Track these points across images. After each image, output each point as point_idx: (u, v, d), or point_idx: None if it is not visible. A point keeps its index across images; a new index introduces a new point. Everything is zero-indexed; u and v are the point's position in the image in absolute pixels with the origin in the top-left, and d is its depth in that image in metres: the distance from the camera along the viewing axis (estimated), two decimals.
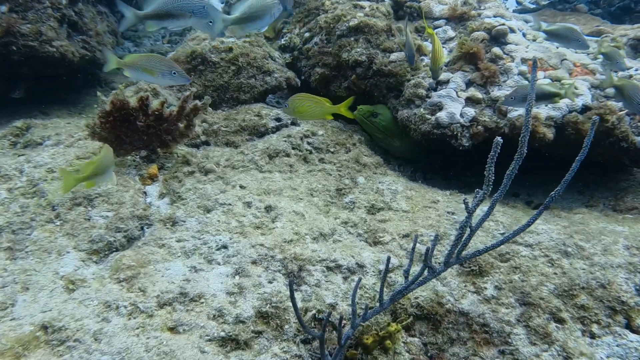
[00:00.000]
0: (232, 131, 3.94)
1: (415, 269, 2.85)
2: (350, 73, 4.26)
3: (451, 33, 4.26)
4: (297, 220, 3.13)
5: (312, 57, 4.48)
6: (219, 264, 2.79)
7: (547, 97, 3.47)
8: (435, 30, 4.34)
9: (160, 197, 3.32)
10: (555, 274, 2.80)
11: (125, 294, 2.54)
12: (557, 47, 4.08)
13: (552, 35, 3.95)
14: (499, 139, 2.08)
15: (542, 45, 4.06)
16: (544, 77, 3.84)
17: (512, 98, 3.35)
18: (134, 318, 2.43)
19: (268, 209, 3.18)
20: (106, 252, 2.85)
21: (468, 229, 2.35)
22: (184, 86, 4.16)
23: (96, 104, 3.59)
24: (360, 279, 2.34)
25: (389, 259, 2.34)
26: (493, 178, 2.18)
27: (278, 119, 4.07)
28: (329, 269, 2.82)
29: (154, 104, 3.47)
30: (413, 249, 2.38)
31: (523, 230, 2.35)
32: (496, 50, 3.95)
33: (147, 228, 3.06)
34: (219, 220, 3.07)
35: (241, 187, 3.38)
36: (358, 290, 2.73)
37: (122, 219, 3.00)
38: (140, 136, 3.49)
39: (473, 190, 3.80)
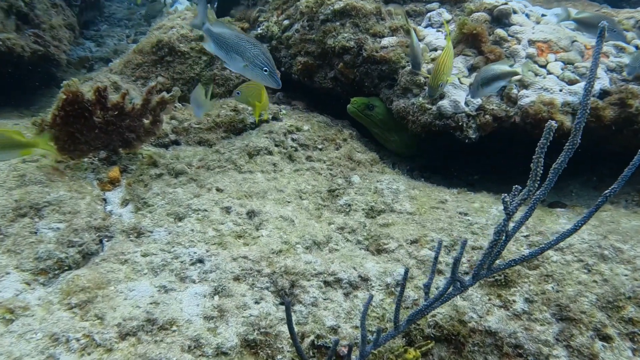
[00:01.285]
0: (206, 128, 3.47)
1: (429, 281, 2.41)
2: (337, 61, 3.81)
3: (447, 16, 3.84)
4: (286, 226, 2.66)
5: (293, 46, 4.02)
6: (194, 282, 2.31)
7: (502, 77, 3.07)
8: (429, 14, 3.91)
9: (123, 204, 2.83)
10: (594, 282, 2.36)
11: (78, 323, 2.05)
12: (577, 34, 3.67)
13: (583, 25, 3.51)
14: (552, 122, 1.67)
15: (550, 26, 3.65)
16: (555, 60, 3.42)
17: (477, 86, 2.99)
18: (89, 354, 1.93)
19: (251, 214, 2.71)
20: (56, 272, 2.35)
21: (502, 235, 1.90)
22: (149, 77, 3.67)
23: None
24: (371, 297, 1.88)
25: (406, 272, 1.90)
26: (541, 172, 1.75)
27: None
28: (327, 283, 2.36)
29: (114, 97, 2.98)
30: (436, 258, 1.94)
31: (571, 234, 1.91)
32: (500, 31, 3.53)
33: (107, 241, 2.57)
34: (192, 230, 2.59)
35: (218, 190, 2.90)
36: (362, 308, 2.28)
37: (76, 231, 2.51)
38: (99, 134, 2.99)
39: (478, 189, 3.40)
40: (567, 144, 1.76)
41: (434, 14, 3.87)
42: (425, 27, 3.88)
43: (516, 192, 1.87)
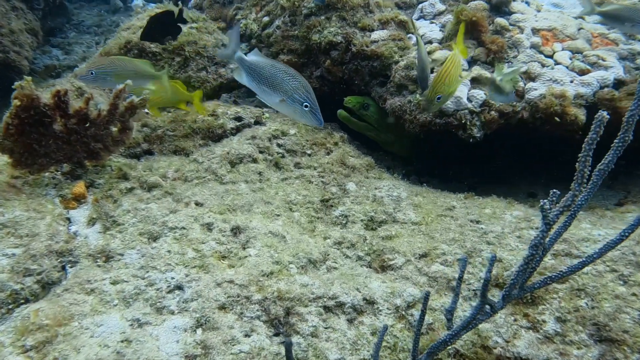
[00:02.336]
0: (182, 135, 3.13)
1: (442, 300, 2.09)
2: (324, 58, 3.49)
3: (440, 6, 3.54)
4: (276, 244, 2.33)
5: (274, 44, 3.70)
6: (172, 313, 1.97)
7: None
8: (420, 5, 3.62)
9: (90, 223, 2.48)
10: (634, 295, 2.06)
11: None
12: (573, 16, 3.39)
13: (609, 18, 3.20)
14: (604, 113, 1.37)
15: (553, 14, 3.37)
16: (562, 50, 3.14)
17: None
18: None
19: (236, 231, 2.38)
20: (9, 307, 1.99)
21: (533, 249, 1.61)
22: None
23: None
24: (385, 329, 1.56)
25: (427, 297, 1.58)
26: (588, 173, 1.46)
27: (238, 118, 3.27)
28: (327, 309, 2.03)
29: (77, 102, 2.63)
30: (460, 278, 1.62)
31: (616, 244, 1.62)
32: (501, 20, 3.24)
33: (71, 267, 2.23)
34: (169, 251, 2.25)
35: (197, 204, 2.57)
36: (369, 336, 1.96)
37: (34, 257, 2.15)
38: (60, 145, 2.64)
39: (482, 193, 3.11)
40: (616, 140, 1.48)
41: (426, 5, 3.57)
42: (417, 19, 3.58)
43: (554, 198, 1.57)
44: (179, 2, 3.48)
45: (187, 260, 2.20)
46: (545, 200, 1.51)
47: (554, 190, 1.53)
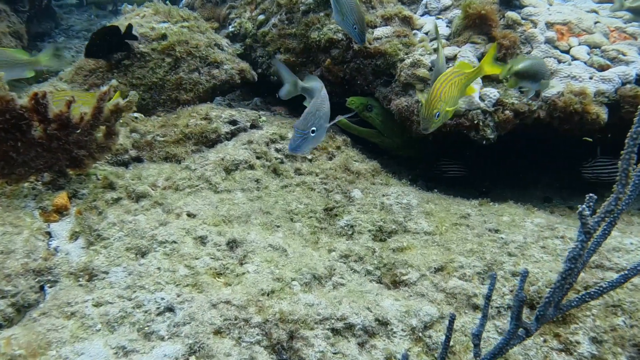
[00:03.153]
0: (173, 141, 2.91)
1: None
2: (323, 57, 3.29)
3: (446, 1, 3.34)
4: (277, 258, 2.12)
5: (270, 43, 3.50)
6: (162, 338, 1.76)
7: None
8: (425, 0, 3.41)
9: (72, 238, 2.27)
10: None
11: None
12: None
13: None
14: None
15: (566, 7, 3.17)
16: (579, 45, 2.94)
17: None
18: None
19: (232, 244, 2.16)
20: None
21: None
22: (104, 84, 3.10)
23: None
24: (406, 358, 1.34)
25: (452, 319, 1.37)
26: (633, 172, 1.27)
27: (233, 122, 3.05)
28: (335, 332, 1.82)
29: (57, 105, 2.42)
30: (489, 297, 1.42)
31: None
32: (512, 14, 3.04)
33: (50, 287, 2.01)
34: (159, 268, 2.04)
35: (189, 215, 2.35)
36: None
37: (8, 277, 1.94)
38: (40, 153, 2.42)
39: (495, 198, 2.89)
40: None
41: (431, 0, 3.37)
42: (422, 15, 3.38)
43: (592, 202, 1.36)
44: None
45: (178, 279, 1.99)
46: (583, 206, 1.31)
47: (590, 195, 1.32)
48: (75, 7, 8.74)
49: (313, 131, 2.04)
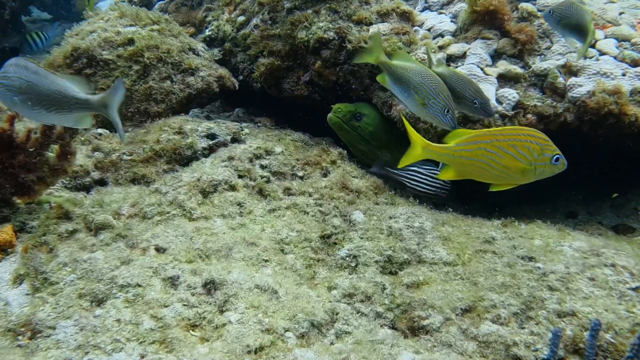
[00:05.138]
0: (141, 160, 2.50)
1: None
2: (313, 59, 2.89)
3: None
4: (266, 302, 1.71)
5: (252, 46, 3.10)
6: None
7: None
8: None
9: (16, 282, 1.86)
10: None
11: None
12: None
13: None
14: None
15: None
16: (605, 38, 2.58)
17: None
18: None
19: (210, 286, 1.75)
20: None
21: None
22: None
23: None
24: None
25: None
26: None
27: (211, 136, 2.65)
28: None
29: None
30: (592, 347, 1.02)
31: None
32: (526, 5, 2.67)
33: None
34: (118, 320, 1.63)
35: (158, 249, 1.94)
36: None
37: None
38: None
39: (510, 214, 2.50)
40: None
41: None
42: (422, 10, 3.01)
43: None
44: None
45: (142, 334, 1.58)
46: None
47: None
48: (48, 22, 8.40)
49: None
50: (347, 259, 2.02)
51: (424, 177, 2.67)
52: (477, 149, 1.83)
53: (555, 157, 1.78)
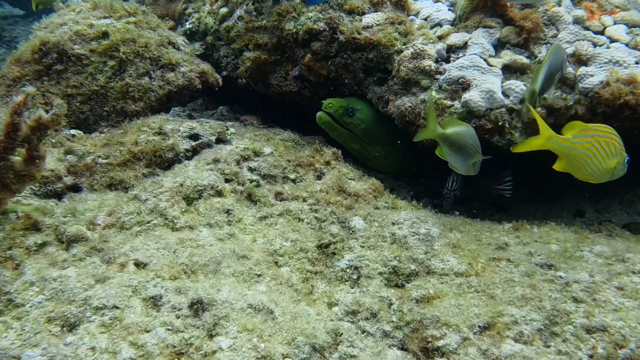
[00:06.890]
0: (118, 163, 2.30)
1: None
2: (302, 52, 2.71)
3: None
4: (260, 325, 1.52)
5: (236, 39, 2.92)
6: None
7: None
8: None
9: None
10: None
11: None
12: None
13: None
14: None
15: None
16: (614, 24, 2.42)
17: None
18: None
19: (197, 307, 1.56)
20: None
21: None
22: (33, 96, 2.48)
23: None
24: None
25: None
26: None
27: (194, 136, 2.46)
28: None
29: None
30: None
31: None
32: None
33: None
34: (93, 348, 1.44)
35: (138, 265, 1.75)
36: None
37: None
38: None
39: (518, 215, 2.33)
40: None
41: None
42: None
43: None
44: None
45: None
46: None
47: None
48: (20, 18, 8.15)
49: None
50: (348, 270, 1.84)
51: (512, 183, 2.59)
52: (585, 142, 1.84)
53: (627, 160, 1.72)
